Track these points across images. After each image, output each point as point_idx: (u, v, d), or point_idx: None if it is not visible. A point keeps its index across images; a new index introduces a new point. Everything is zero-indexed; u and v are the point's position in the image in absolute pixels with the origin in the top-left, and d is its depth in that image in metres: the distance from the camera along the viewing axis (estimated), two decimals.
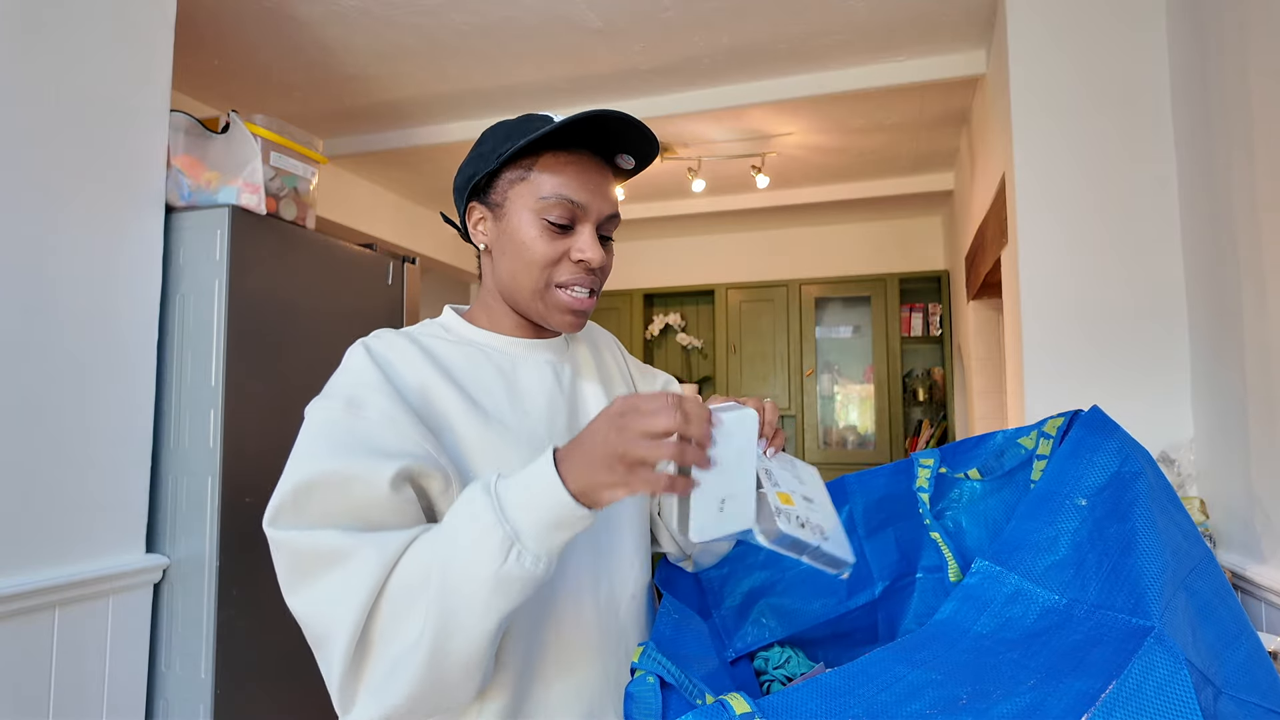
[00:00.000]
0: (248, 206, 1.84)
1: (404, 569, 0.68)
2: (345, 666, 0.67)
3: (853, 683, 0.58)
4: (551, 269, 0.85)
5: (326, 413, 0.75)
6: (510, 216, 0.85)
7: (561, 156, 0.85)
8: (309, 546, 0.69)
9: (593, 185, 0.85)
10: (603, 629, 0.85)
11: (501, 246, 0.87)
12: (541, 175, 0.84)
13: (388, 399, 0.76)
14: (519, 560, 0.65)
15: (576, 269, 0.85)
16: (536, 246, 0.84)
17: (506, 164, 0.86)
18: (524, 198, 0.84)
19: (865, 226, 4.86)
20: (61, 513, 1.55)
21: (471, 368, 0.85)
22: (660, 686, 0.64)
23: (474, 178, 0.87)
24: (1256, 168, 1.42)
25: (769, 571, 0.99)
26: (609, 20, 2.42)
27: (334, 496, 0.70)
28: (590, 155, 0.87)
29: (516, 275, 0.86)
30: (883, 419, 4.55)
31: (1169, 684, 0.52)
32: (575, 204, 0.84)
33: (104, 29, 1.66)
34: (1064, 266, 1.96)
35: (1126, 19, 1.95)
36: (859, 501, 1.00)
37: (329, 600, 0.68)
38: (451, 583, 0.65)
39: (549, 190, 0.83)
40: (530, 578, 0.66)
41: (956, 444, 1.00)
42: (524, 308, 0.88)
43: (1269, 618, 1.41)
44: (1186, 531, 0.66)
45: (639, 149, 0.87)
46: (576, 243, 0.85)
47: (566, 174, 0.84)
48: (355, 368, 0.79)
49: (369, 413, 0.74)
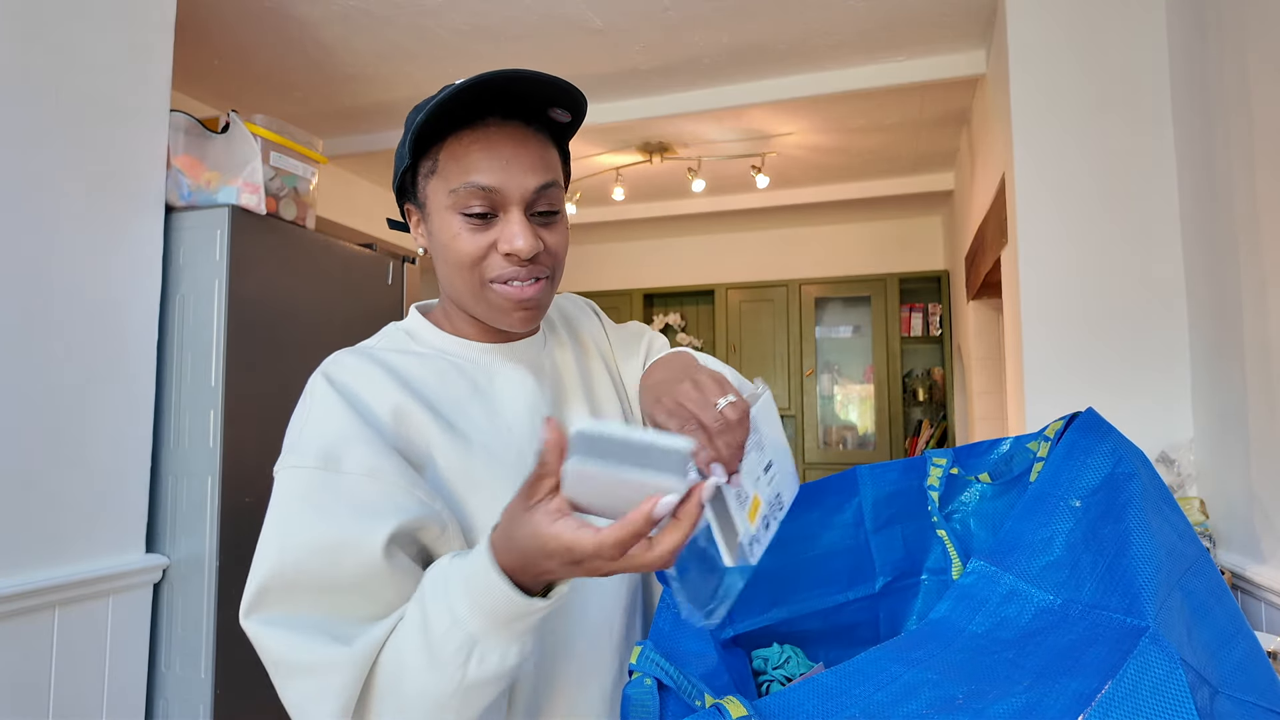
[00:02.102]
0: (248, 206, 1.84)
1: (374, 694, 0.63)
2: None
3: (849, 683, 0.58)
4: (480, 266, 0.75)
5: (298, 476, 0.67)
6: (432, 215, 0.76)
7: (465, 137, 0.73)
8: (284, 648, 0.63)
9: (506, 161, 0.73)
10: (598, 653, 0.82)
11: (435, 249, 0.78)
12: (449, 163, 0.73)
13: (365, 445, 0.68)
14: (480, 664, 0.59)
15: (507, 262, 0.74)
16: (457, 245, 0.74)
17: (418, 156, 0.76)
18: (438, 193, 0.74)
19: (865, 226, 4.86)
20: (61, 513, 1.55)
21: (443, 385, 0.77)
22: (658, 688, 0.64)
23: (398, 177, 0.79)
24: (1256, 167, 1.42)
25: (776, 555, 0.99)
26: (609, 20, 2.42)
27: (320, 575, 0.64)
28: (503, 124, 0.74)
29: (451, 278, 0.77)
30: (883, 419, 4.55)
31: (1164, 684, 0.52)
32: (488, 189, 0.72)
33: (104, 29, 1.66)
34: (1064, 266, 1.96)
35: (1126, 19, 1.95)
36: (869, 494, 1.00)
37: (308, 698, 0.63)
38: (420, 701, 0.61)
39: (457, 179, 0.73)
40: (499, 674, 0.60)
41: (970, 446, 1.00)
42: (470, 310, 0.79)
43: (1269, 618, 1.41)
44: (1181, 531, 0.67)
45: (558, 100, 0.75)
46: (501, 234, 0.74)
47: (473, 156, 0.72)
48: (321, 411, 0.70)
49: (347, 466, 0.66)
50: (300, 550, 0.64)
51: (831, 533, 1.01)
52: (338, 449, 0.67)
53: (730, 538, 0.62)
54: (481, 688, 0.60)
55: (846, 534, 1.01)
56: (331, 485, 0.66)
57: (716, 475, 0.58)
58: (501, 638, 0.59)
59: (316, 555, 0.63)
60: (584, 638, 0.80)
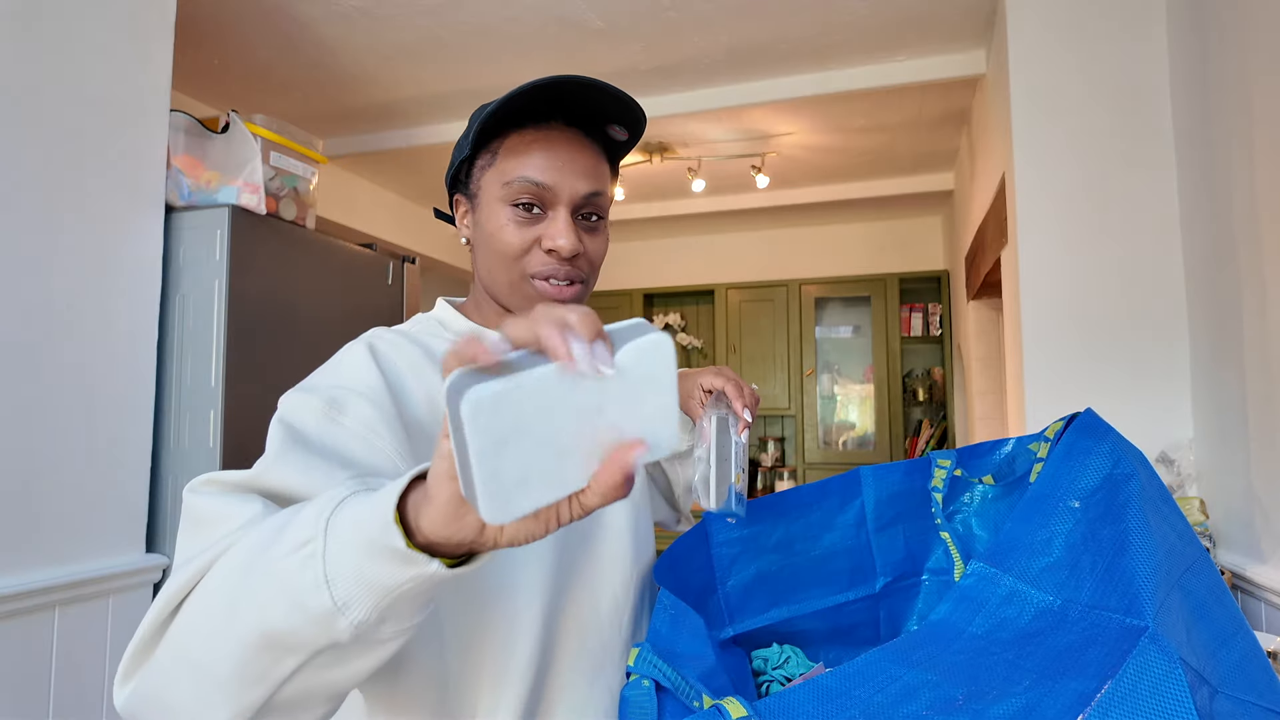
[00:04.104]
0: (248, 206, 1.84)
1: (229, 555, 0.53)
2: (144, 633, 0.54)
3: (849, 684, 0.58)
4: (522, 260, 0.77)
5: (301, 409, 0.67)
6: (482, 206, 0.79)
7: (528, 135, 0.77)
8: (204, 506, 0.59)
9: (563, 163, 0.76)
10: (601, 648, 0.82)
11: (478, 239, 0.81)
12: (507, 157, 0.77)
13: (374, 409, 0.67)
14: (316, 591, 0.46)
15: (548, 259, 0.77)
16: (503, 236, 0.77)
17: (478, 149, 0.79)
18: (492, 184, 0.78)
19: (865, 226, 4.87)
20: (61, 513, 1.55)
21: None
22: (655, 690, 0.64)
23: (454, 167, 0.82)
24: (1256, 167, 1.42)
25: (778, 555, 1.00)
26: (609, 20, 2.42)
27: (275, 488, 0.61)
28: (564, 129, 0.78)
29: (492, 269, 0.79)
30: (883, 419, 4.55)
31: (1164, 683, 0.52)
32: (541, 185, 0.75)
33: (104, 29, 1.66)
34: (1064, 266, 1.96)
35: (1126, 19, 1.95)
36: (871, 495, 1.00)
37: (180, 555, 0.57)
38: (251, 573, 0.50)
39: (513, 173, 0.76)
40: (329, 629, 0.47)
41: (973, 447, 1.00)
42: (505, 303, 0.82)
43: (1269, 618, 1.41)
44: (1180, 532, 0.67)
45: (620, 117, 0.79)
46: (547, 230, 0.76)
47: (532, 153, 0.76)
48: (352, 366, 0.71)
49: (347, 420, 0.66)
50: (272, 478, 0.61)
51: (833, 533, 1.01)
52: (346, 401, 0.67)
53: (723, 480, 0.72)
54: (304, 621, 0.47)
55: (848, 534, 1.01)
56: (326, 431, 0.65)
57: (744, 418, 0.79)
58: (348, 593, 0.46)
59: (284, 478, 0.61)
60: (594, 634, 0.81)
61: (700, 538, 0.97)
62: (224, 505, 0.58)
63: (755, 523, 1.00)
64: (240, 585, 0.50)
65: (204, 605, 0.52)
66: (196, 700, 0.52)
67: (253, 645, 0.49)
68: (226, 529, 0.56)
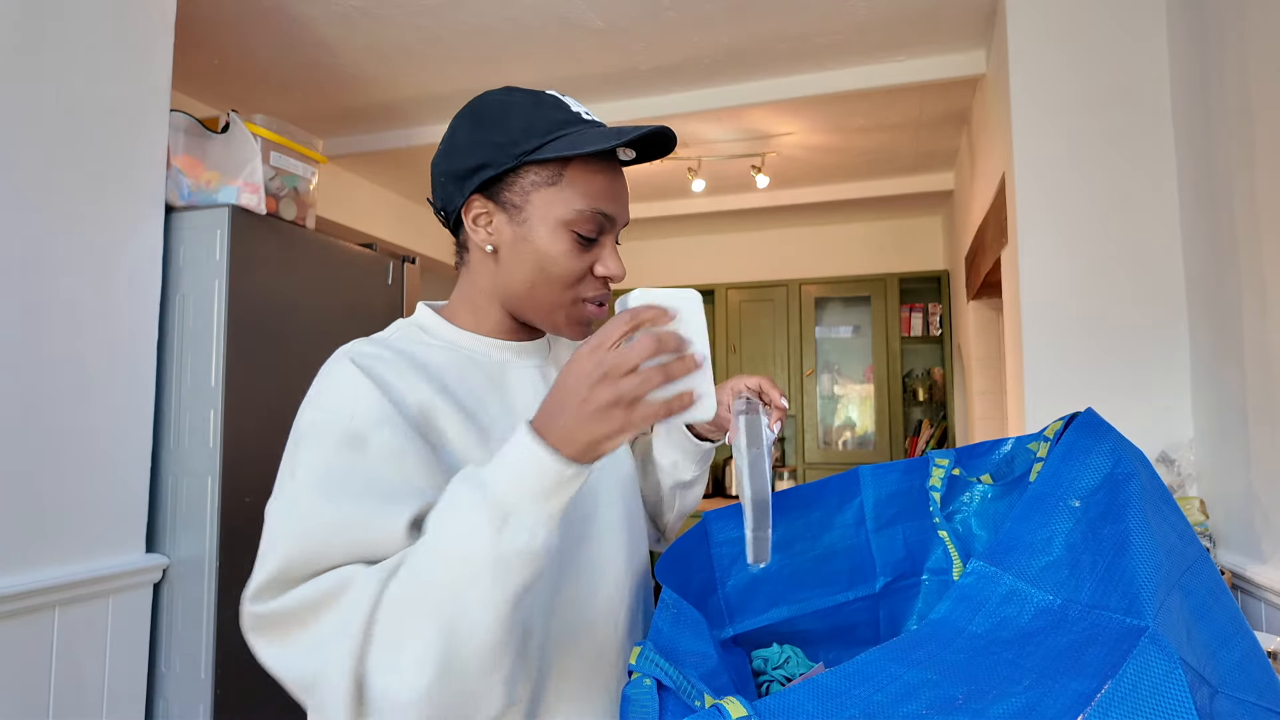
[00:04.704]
0: (248, 206, 1.84)
1: (393, 588, 0.60)
2: (349, 707, 0.59)
3: (849, 683, 0.58)
4: (577, 285, 0.79)
5: (323, 456, 0.67)
6: (534, 224, 0.78)
7: (594, 164, 0.78)
8: (297, 603, 0.62)
9: (619, 194, 0.80)
10: (612, 631, 0.83)
11: (518, 253, 0.79)
12: (575, 184, 0.77)
13: (389, 428, 0.69)
14: (514, 534, 0.59)
15: (599, 284, 0.81)
16: (565, 262, 0.78)
17: (524, 162, 0.78)
18: (553, 206, 0.77)
19: (865, 226, 4.86)
20: (61, 513, 1.55)
21: (462, 377, 0.79)
22: (657, 689, 0.64)
23: (485, 170, 0.78)
24: (1256, 167, 1.42)
25: (778, 554, 1.00)
26: (609, 20, 2.42)
27: (343, 555, 0.63)
28: (614, 162, 0.81)
29: (535, 288, 0.79)
30: (883, 419, 4.55)
31: (1164, 683, 0.52)
32: (607, 217, 0.79)
33: (104, 29, 1.66)
34: (1064, 266, 1.96)
35: (1126, 19, 1.95)
36: (870, 495, 1.00)
37: (317, 646, 0.61)
38: (448, 580, 0.59)
39: (584, 202, 0.77)
40: (530, 551, 0.60)
41: (972, 447, 1.00)
42: (532, 317, 0.82)
43: (1269, 618, 1.41)
44: (1181, 531, 0.67)
45: (655, 152, 0.83)
46: (601, 257, 0.80)
47: (599, 184, 0.78)
48: (349, 391, 0.70)
49: (372, 448, 0.67)
50: (324, 530, 0.63)
51: (832, 533, 1.01)
52: (364, 430, 0.68)
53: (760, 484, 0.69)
54: (511, 560, 0.59)
55: (847, 534, 1.01)
56: (358, 467, 0.66)
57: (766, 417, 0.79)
58: (534, 513, 0.60)
59: (340, 534, 0.63)
60: (589, 633, 0.81)
61: (700, 537, 0.97)
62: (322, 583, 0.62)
63: None
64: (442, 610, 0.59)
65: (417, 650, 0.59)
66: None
67: (496, 630, 0.60)
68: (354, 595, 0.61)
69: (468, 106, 0.83)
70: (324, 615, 0.61)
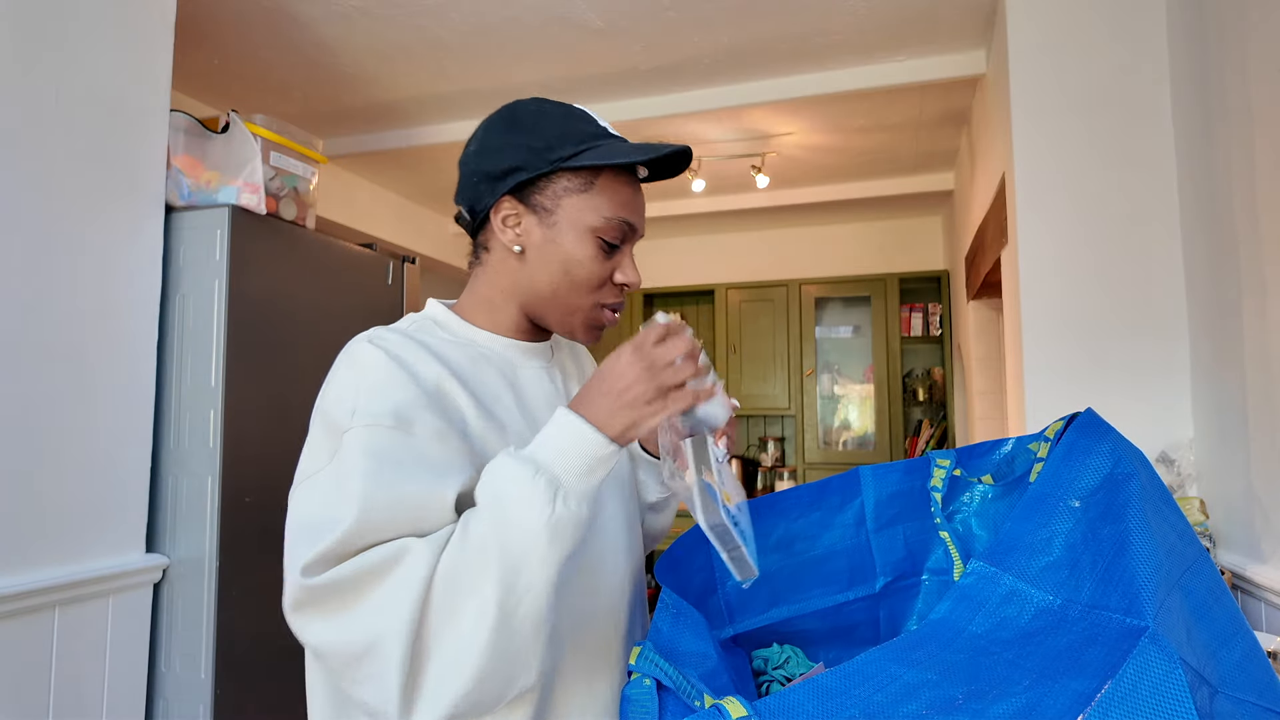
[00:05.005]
0: (248, 206, 1.84)
1: (453, 552, 0.65)
2: (404, 674, 0.62)
3: (849, 683, 0.58)
4: (598, 290, 0.83)
5: (376, 435, 0.69)
6: (562, 228, 0.81)
7: (622, 176, 0.83)
8: (353, 571, 0.65)
9: (640, 207, 0.85)
10: (613, 631, 0.85)
11: (545, 256, 0.82)
12: (605, 193, 0.81)
13: (429, 411, 0.72)
14: (565, 504, 0.66)
15: (617, 292, 0.85)
16: (589, 266, 0.81)
17: (564, 169, 0.81)
18: (583, 212, 0.80)
19: (865, 226, 4.86)
20: (61, 513, 1.55)
21: (477, 371, 0.82)
22: (657, 689, 0.64)
23: (518, 173, 0.81)
24: (1256, 168, 1.42)
25: (778, 555, 1.00)
26: (609, 20, 2.42)
27: (405, 529, 0.67)
28: (636, 177, 0.85)
29: (559, 289, 0.82)
30: (883, 419, 4.55)
31: (1164, 684, 0.52)
32: (631, 227, 0.83)
33: (104, 29, 1.66)
34: (1064, 266, 1.96)
35: (1126, 19, 1.95)
36: (871, 495, 1.00)
37: (374, 612, 0.64)
38: (508, 544, 0.64)
39: (611, 210, 0.81)
40: (578, 520, 0.67)
41: (973, 447, 1.00)
42: (550, 319, 0.85)
43: (1269, 618, 1.41)
44: (1181, 531, 0.67)
45: (666, 172, 0.87)
46: (621, 264, 0.84)
47: (626, 195, 0.82)
48: (384, 375, 0.73)
49: (419, 429, 0.71)
50: (387, 507, 0.67)
51: (832, 533, 1.01)
52: (408, 412, 0.71)
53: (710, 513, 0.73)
54: (565, 529, 0.66)
55: (848, 534, 1.01)
56: (410, 445, 0.70)
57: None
58: (580, 486, 0.68)
59: (404, 510, 0.67)
60: (593, 631, 0.83)
61: (700, 538, 0.97)
62: (377, 554, 0.66)
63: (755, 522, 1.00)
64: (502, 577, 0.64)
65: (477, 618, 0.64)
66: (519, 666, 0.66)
67: (548, 592, 0.66)
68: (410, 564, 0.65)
69: (501, 111, 0.85)
70: (381, 583, 0.65)
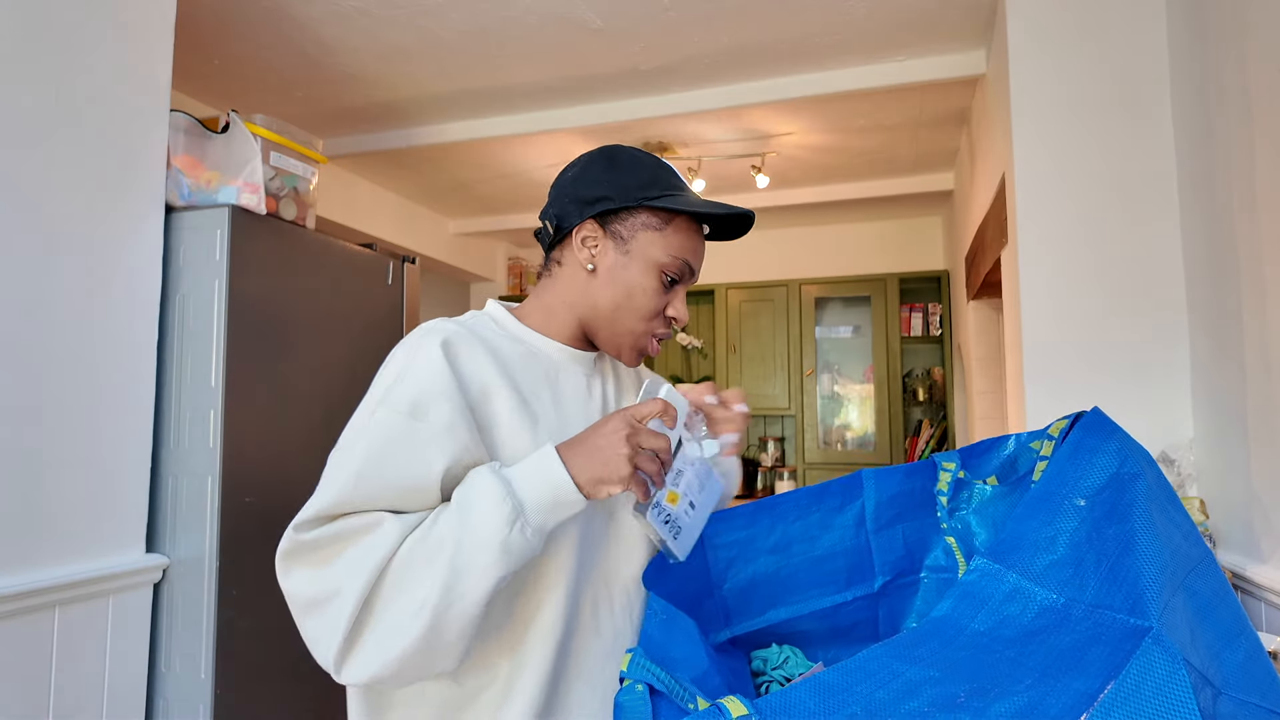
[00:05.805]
0: (248, 206, 1.84)
1: (416, 537, 0.73)
2: (349, 626, 0.71)
3: (850, 680, 0.58)
4: (653, 320, 0.93)
5: (391, 421, 0.78)
6: (635, 257, 0.91)
7: (692, 224, 0.93)
8: (333, 533, 0.74)
9: (701, 255, 0.96)
10: (615, 630, 0.88)
11: (613, 278, 0.92)
12: (676, 234, 0.91)
13: (448, 403, 0.79)
14: (521, 531, 0.73)
15: (666, 324, 0.94)
16: (650, 297, 0.91)
17: (647, 207, 0.91)
18: (654, 247, 0.91)
19: (865, 226, 4.86)
20: (61, 513, 1.55)
21: (524, 367, 0.90)
22: (650, 694, 0.64)
23: (607, 202, 0.91)
24: (1256, 167, 1.42)
25: (776, 557, 1.00)
26: (609, 20, 2.42)
27: (378, 501, 0.75)
28: (701, 229, 0.96)
29: (618, 312, 0.92)
30: (883, 419, 4.55)
31: (1167, 684, 0.52)
32: (691, 270, 0.93)
33: (104, 29, 1.66)
34: (1064, 266, 1.96)
35: (1126, 19, 1.95)
36: (872, 497, 1.00)
37: (341, 569, 0.72)
38: (461, 546, 0.72)
39: (679, 251, 0.91)
40: (527, 549, 0.74)
41: (974, 446, 1.00)
42: (602, 335, 0.94)
43: (1269, 618, 1.41)
44: (1186, 532, 0.66)
45: (726, 234, 0.98)
46: (674, 302, 0.94)
47: (692, 241, 0.93)
48: (428, 371, 0.81)
49: (431, 418, 0.78)
50: (375, 485, 0.75)
51: (832, 534, 1.01)
52: (427, 401, 0.79)
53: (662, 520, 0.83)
54: (514, 552, 0.73)
55: (847, 535, 1.01)
56: (415, 433, 0.77)
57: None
58: (538, 520, 0.74)
59: (389, 490, 0.75)
60: (610, 619, 0.88)
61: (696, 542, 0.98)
62: (357, 521, 0.75)
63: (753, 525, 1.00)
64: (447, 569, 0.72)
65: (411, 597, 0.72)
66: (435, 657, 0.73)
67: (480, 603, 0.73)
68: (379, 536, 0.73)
69: (603, 149, 0.97)
70: (353, 546, 0.74)
